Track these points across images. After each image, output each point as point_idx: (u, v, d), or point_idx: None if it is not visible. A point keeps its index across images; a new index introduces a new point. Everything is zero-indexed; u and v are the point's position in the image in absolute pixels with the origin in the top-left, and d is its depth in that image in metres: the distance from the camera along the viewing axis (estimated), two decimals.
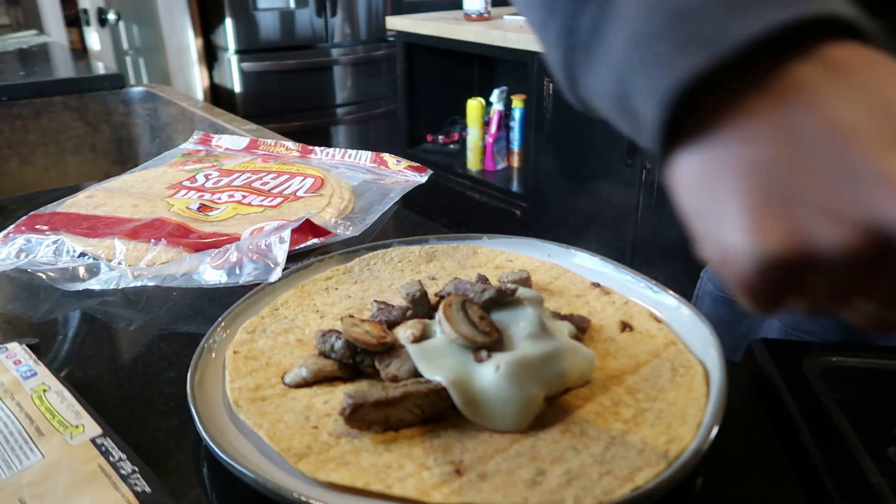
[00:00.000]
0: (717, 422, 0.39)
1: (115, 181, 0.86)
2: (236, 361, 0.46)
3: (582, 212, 2.21)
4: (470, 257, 0.62)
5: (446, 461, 0.38)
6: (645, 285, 0.55)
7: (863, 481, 0.37)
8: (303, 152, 0.94)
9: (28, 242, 0.67)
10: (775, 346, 0.49)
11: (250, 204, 0.76)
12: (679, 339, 0.49)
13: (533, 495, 0.35)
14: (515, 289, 0.47)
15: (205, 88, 3.17)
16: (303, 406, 0.42)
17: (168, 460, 0.41)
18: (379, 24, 3.22)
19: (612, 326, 0.51)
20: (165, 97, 1.40)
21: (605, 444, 0.39)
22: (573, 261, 0.61)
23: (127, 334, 0.56)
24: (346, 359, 0.45)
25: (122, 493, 0.35)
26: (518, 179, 2.63)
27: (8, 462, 0.37)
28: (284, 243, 0.63)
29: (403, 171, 0.87)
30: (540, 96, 2.19)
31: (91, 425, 0.40)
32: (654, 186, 1.94)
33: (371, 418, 0.39)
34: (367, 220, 0.74)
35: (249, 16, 2.94)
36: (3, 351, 0.46)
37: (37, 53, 1.87)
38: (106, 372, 0.50)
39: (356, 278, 0.59)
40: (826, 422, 0.41)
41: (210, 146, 0.99)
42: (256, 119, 1.29)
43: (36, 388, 0.43)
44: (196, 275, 0.62)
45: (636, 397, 0.43)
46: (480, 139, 2.68)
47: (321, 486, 0.36)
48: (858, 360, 0.47)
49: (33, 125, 1.36)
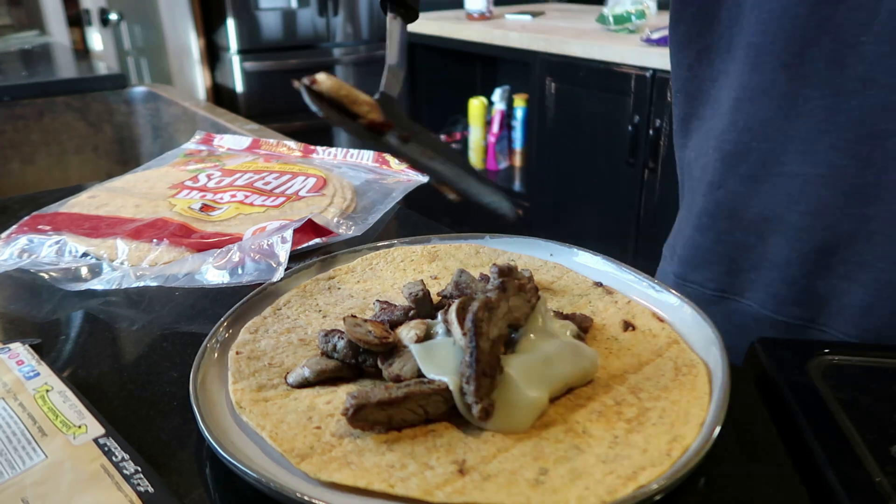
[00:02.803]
0: (719, 421, 0.39)
1: (117, 181, 0.86)
2: (239, 362, 0.46)
3: (584, 211, 2.21)
4: (472, 257, 0.62)
5: (449, 461, 0.38)
6: (647, 284, 0.55)
7: (866, 480, 0.37)
8: (305, 152, 0.94)
9: (31, 242, 0.67)
10: (778, 345, 0.49)
11: (252, 204, 0.76)
12: (681, 338, 0.49)
13: (536, 495, 0.35)
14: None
15: (207, 88, 3.18)
16: (305, 406, 0.42)
17: (171, 460, 0.41)
18: (381, 24, 3.22)
19: (614, 326, 0.51)
20: (167, 97, 1.40)
21: (608, 444, 0.39)
22: (575, 260, 0.61)
23: (129, 334, 0.56)
24: (349, 359, 0.45)
25: (125, 492, 0.35)
26: (520, 179, 2.63)
27: (11, 462, 0.37)
28: (287, 243, 0.63)
29: (405, 170, 0.87)
30: (542, 96, 2.19)
31: (94, 425, 0.40)
32: (656, 185, 1.94)
33: (374, 418, 0.39)
34: (369, 220, 0.74)
35: (251, 15, 2.94)
36: (6, 351, 0.46)
37: (39, 54, 1.88)
38: (108, 372, 0.50)
39: (358, 278, 0.59)
40: (829, 421, 0.41)
41: (212, 146, 0.99)
42: (258, 119, 1.30)
43: (39, 389, 0.43)
44: (198, 275, 0.62)
45: (639, 396, 0.43)
46: (482, 138, 2.68)
47: (324, 485, 0.36)
48: (861, 359, 0.47)
49: (36, 125, 1.36)
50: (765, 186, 0.61)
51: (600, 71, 1.96)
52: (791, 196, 0.60)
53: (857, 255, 0.58)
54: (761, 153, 0.61)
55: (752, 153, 0.61)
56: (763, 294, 0.64)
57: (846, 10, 0.52)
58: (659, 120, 1.86)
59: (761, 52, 0.58)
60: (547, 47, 2.10)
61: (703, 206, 0.67)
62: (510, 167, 2.71)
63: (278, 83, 3.09)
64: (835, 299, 0.60)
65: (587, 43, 1.98)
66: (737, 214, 0.64)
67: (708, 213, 0.66)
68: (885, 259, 0.56)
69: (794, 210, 0.60)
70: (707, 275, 0.68)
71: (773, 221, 0.62)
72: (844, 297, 0.60)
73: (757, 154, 0.61)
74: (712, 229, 0.66)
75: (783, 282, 0.63)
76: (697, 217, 0.68)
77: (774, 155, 0.60)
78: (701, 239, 0.68)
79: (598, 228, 2.18)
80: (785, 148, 0.59)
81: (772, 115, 0.59)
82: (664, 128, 1.86)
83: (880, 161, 0.54)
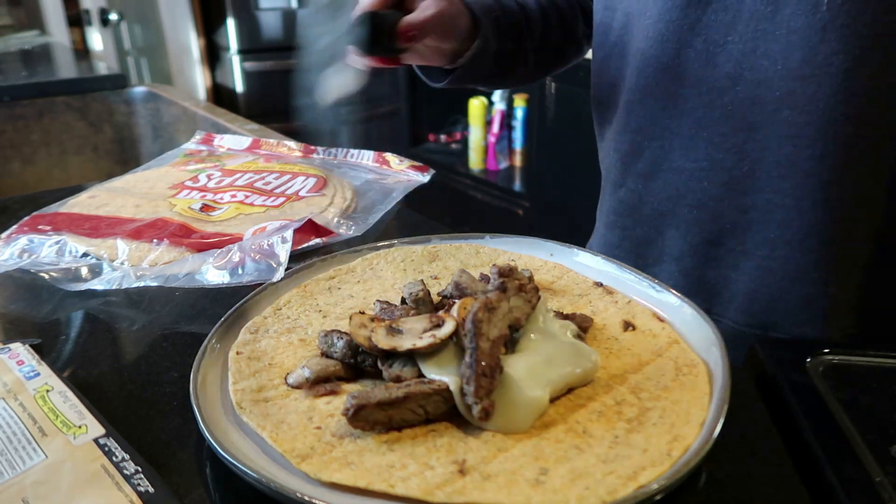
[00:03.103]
0: (719, 421, 0.39)
1: (117, 181, 0.86)
2: (239, 362, 0.46)
3: (584, 211, 2.21)
4: (472, 257, 0.62)
5: (449, 461, 0.38)
6: (647, 284, 0.55)
7: (866, 479, 0.37)
8: (305, 152, 0.94)
9: (31, 242, 0.67)
10: (778, 345, 0.49)
11: (252, 204, 0.76)
12: (682, 338, 0.49)
13: (536, 495, 0.35)
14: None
15: (207, 88, 3.18)
16: (306, 407, 0.42)
17: (171, 460, 0.41)
18: None
19: (614, 326, 0.51)
20: (167, 97, 1.40)
21: (609, 444, 0.39)
22: (576, 260, 0.60)
23: (130, 334, 0.56)
24: (348, 358, 0.45)
25: (125, 492, 0.35)
26: (520, 179, 2.63)
27: (11, 462, 0.37)
28: (287, 243, 0.63)
29: (406, 170, 0.87)
30: (542, 95, 2.19)
31: (94, 425, 0.40)
32: None
33: (374, 419, 0.39)
34: (369, 220, 0.74)
35: (251, 15, 2.94)
36: (6, 351, 0.46)
37: (39, 54, 1.88)
38: (109, 372, 0.50)
39: (359, 278, 0.59)
40: (829, 420, 0.41)
41: (212, 146, 0.99)
42: (258, 119, 1.30)
43: (39, 389, 0.43)
44: (198, 275, 0.62)
45: (639, 396, 0.43)
46: (483, 138, 2.68)
47: (324, 485, 0.36)
48: (861, 359, 0.47)
49: (36, 125, 1.36)
50: (657, 183, 0.66)
51: None
52: (679, 191, 0.64)
53: (740, 244, 0.62)
54: (652, 151, 0.65)
55: (644, 152, 0.66)
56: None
57: (713, 13, 0.57)
58: None
59: (646, 56, 0.63)
60: None
61: (609, 205, 0.73)
62: (510, 167, 2.71)
63: (278, 83, 3.09)
64: (725, 288, 0.64)
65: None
66: (637, 211, 0.69)
67: (614, 210, 0.72)
68: (764, 247, 0.60)
69: (682, 204, 0.64)
70: None
71: (668, 216, 0.66)
72: (732, 286, 0.64)
73: (648, 153, 0.66)
74: (618, 226, 0.72)
75: (680, 273, 0.67)
76: (606, 215, 0.74)
77: (663, 152, 0.64)
78: (610, 236, 0.74)
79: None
80: (671, 145, 0.63)
81: (657, 115, 0.64)
82: None
83: (753, 152, 0.58)
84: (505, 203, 2.52)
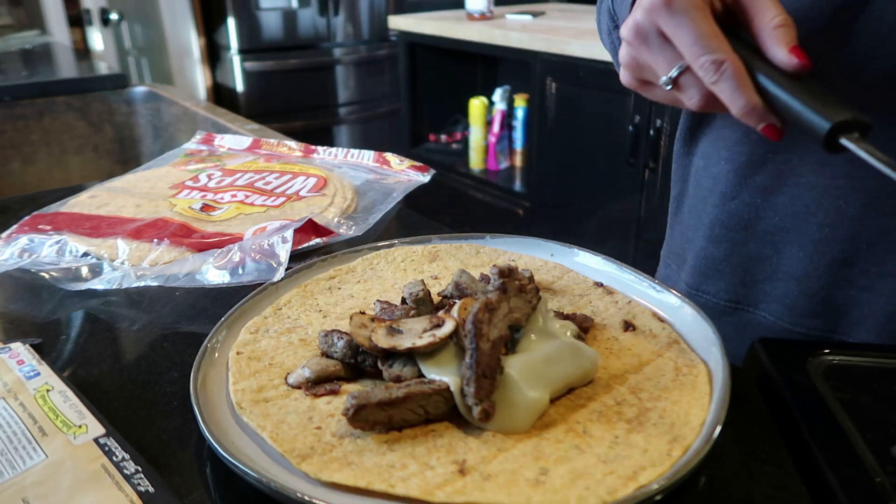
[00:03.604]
0: (720, 421, 0.39)
1: (117, 181, 0.86)
2: (239, 362, 0.46)
3: (585, 211, 2.21)
4: (473, 257, 0.62)
5: (450, 461, 0.38)
6: (648, 284, 0.55)
7: (866, 480, 0.37)
8: (305, 152, 0.94)
9: (31, 242, 0.67)
10: (778, 345, 0.49)
11: (253, 204, 0.76)
12: (682, 338, 0.49)
13: (536, 495, 0.35)
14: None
15: (207, 88, 3.18)
16: (306, 407, 0.42)
17: (171, 460, 0.41)
18: (381, 24, 3.22)
19: (615, 326, 0.51)
20: (168, 97, 1.40)
21: (609, 444, 0.39)
22: (576, 260, 0.61)
23: (130, 334, 0.56)
24: (348, 359, 0.45)
25: (125, 492, 0.35)
26: (521, 179, 2.63)
27: (11, 462, 0.37)
28: (287, 243, 0.63)
29: (406, 170, 0.87)
30: (543, 95, 2.19)
31: (94, 425, 0.40)
32: (657, 185, 1.94)
33: (374, 419, 0.39)
34: (369, 220, 0.74)
35: (252, 15, 2.94)
36: (7, 351, 0.47)
37: (39, 53, 1.88)
38: (109, 372, 0.50)
39: (359, 278, 0.59)
40: (829, 421, 0.41)
41: (213, 146, 0.99)
42: (259, 119, 1.30)
43: (39, 388, 0.43)
44: (199, 275, 0.62)
45: (639, 397, 0.43)
46: (483, 138, 2.68)
47: (324, 485, 0.36)
48: (861, 359, 0.47)
49: (36, 125, 1.36)
50: (780, 198, 0.60)
51: (601, 71, 1.96)
52: (808, 207, 0.59)
53: (877, 265, 0.57)
54: (776, 165, 0.60)
55: (766, 165, 0.60)
56: (779, 305, 0.63)
57: (865, 23, 0.52)
58: (659, 120, 1.86)
59: None
60: (547, 47, 2.10)
61: (715, 217, 0.66)
62: (511, 167, 2.71)
63: (279, 83, 3.09)
64: (854, 309, 0.59)
65: (588, 43, 1.98)
66: (751, 225, 0.63)
67: (721, 223, 0.65)
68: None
69: (811, 221, 0.59)
70: (720, 286, 0.66)
71: (790, 233, 0.61)
72: (865, 307, 0.59)
73: (772, 165, 0.60)
74: (725, 240, 0.65)
75: (801, 293, 0.61)
76: (709, 227, 0.67)
77: (791, 166, 0.59)
78: (714, 250, 0.67)
79: (599, 228, 2.18)
80: (802, 159, 0.58)
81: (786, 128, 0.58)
82: (665, 128, 1.86)
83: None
84: (505, 203, 2.51)
